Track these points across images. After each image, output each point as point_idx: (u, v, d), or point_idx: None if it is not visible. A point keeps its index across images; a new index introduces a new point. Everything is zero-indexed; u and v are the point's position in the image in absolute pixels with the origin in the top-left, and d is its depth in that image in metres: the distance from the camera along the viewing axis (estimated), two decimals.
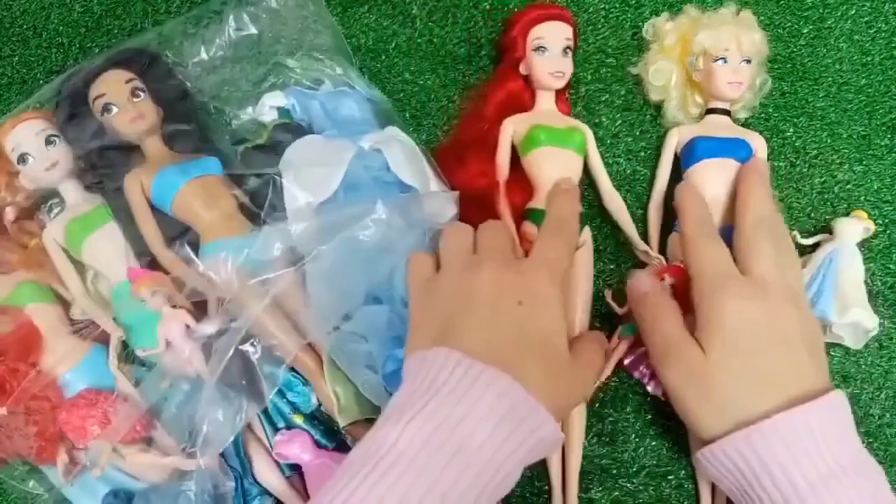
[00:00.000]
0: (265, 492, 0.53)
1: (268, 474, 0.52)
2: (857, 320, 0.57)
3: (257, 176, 0.54)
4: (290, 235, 0.50)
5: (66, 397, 0.51)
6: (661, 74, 0.62)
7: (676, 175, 0.60)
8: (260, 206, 0.54)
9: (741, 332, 0.44)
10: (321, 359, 0.51)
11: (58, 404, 0.50)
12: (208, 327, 0.49)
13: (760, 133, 0.62)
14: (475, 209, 0.56)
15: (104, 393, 0.51)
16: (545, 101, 0.61)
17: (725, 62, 0.58)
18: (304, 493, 0.53)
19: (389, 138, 0.56)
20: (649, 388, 0.54)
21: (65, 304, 0.55)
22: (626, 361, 0.55)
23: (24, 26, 0.64)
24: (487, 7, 0.64)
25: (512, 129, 0.59)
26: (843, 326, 0.58)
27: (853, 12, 0.66)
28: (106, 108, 0.53)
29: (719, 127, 0.60)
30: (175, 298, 0.50)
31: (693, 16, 0.62)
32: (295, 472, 0.53)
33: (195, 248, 0.53)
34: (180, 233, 0.54)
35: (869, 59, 0.65)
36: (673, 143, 0.61)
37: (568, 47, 0.60)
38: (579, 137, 0.59)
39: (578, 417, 0.56)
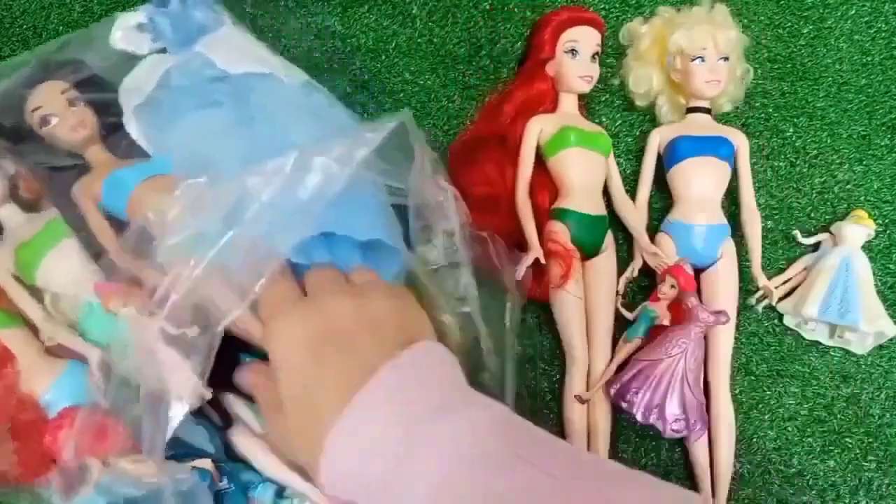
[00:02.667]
0: (267, 479, 0.52)
1: (272, 466, 0.51)
2: (882, 329, 0.57)
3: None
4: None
5: (49, 418, 0.50)
6: (641, 82, 0.62)
7: (661, 174, 0.61)
8: None
9: None
10: None
11: (41, 426, 0.49)
12: (187, 331, 0.48)
13: (760, 133, 0.62)
14: (486, 213, 0.56)
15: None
16: (569, 104, 0.61)
17: (703, 61, 0.59)
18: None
19: (218, 38, 0.55)
20: (638, 417, 0.53)
21: (34, 328, 0.52)
22: (612, 391, 0.55)
23: (24, 26, 0.63)
24: (487, 7, 0.64)
25: (539, 128, 0.59)
26: (856, 334, 0.58)
27: (853, 12, 0.66)
28: (44, 120, 0.52)
29: (700, 126, 0.60)
30: (148, 307, 0.49)
31: (667, 16, 0.62)
32: None
33: None
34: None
35: (869, 59, 0.65)
36: (655, 144, 0.61)
37: (596, 53, 0.60)
38: (606, 141, 0.60)
39: (603, 418, 0.56)
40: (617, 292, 0.59)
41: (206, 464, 0.49)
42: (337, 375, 0.35)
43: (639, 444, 0.58)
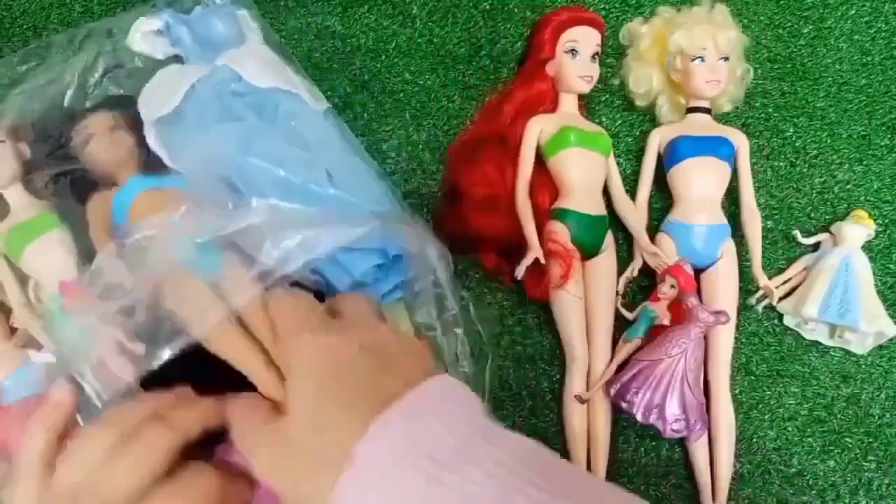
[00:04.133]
0: None
1: None
2: (882, 329, 0.57)
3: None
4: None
5: (4, 404, 0.49)
6: (641, 82, 0.62)
7: (661, 174, 0.61)
8: None
9: None
10: None
11: None
12: (139, 346, 0.47)
13: (760, 133, 0.62)
14: (486, 213, 0.56)
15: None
16: (569, 104, 0.61)
17: (703, 61, 0.59)
18: None
19: (243, 53, 0.56)
20: (638, 417, 0.53)
21: (5, 312, 0.53)
22: (612, 391, 0.55)
23: (24, 26, 0.63)
24: (487, 7, 0.64)
25: (539, 128, 0.59)
26: (856, 334, 0.58)
27: (853, 12, 0.66)
28: (86, 139, 0.52)
29: (700, 126, 0.60)
30: (107, 311, 0.48)
31: (667, 16, 0.62)
32: None
33: None
34: None
35: (869, 59, 0.65)
36: (655, 144, 0.61)
37: (596, 53, 0.60)
38: (606, 141, 0.60)
39: (603, 418, 0.56)
40: (617, 292, 0.59)
41: None
42: (350, 407, 0.33)
43: (639, 444, 0.58)
